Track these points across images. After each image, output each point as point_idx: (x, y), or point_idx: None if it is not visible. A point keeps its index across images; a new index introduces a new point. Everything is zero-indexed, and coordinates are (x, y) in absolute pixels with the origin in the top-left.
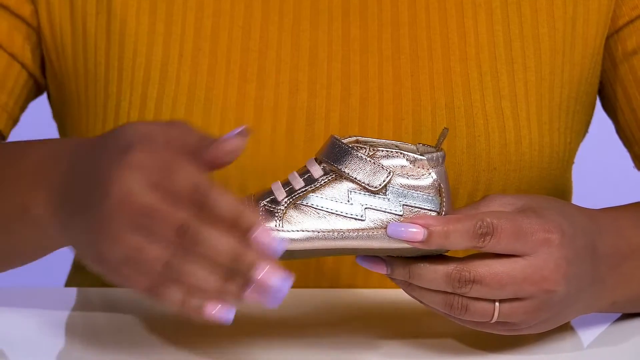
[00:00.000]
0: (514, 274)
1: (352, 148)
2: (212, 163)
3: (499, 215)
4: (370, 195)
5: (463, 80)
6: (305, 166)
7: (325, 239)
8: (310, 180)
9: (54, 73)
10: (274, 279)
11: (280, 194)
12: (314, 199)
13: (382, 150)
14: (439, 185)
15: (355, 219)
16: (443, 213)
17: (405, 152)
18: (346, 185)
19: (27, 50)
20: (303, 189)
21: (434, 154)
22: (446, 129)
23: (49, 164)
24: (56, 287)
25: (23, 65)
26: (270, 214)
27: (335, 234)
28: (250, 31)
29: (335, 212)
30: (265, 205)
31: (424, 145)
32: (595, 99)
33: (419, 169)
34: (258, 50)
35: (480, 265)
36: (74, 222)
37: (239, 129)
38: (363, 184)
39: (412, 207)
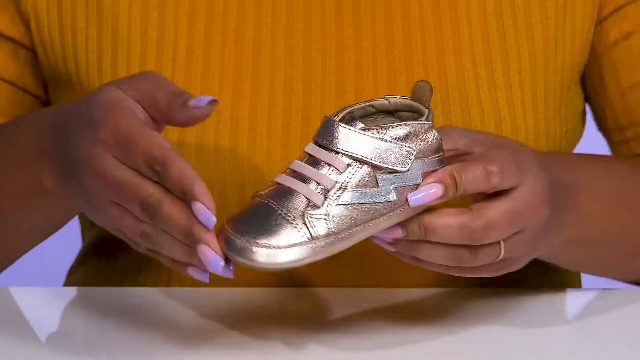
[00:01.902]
0: (517, 205)
1: (372, 136)
2: (180, 123)
3: (497, 154)
4: (396, 174)
5: (457, 71)
6: (325, 161)
7: (364, 230)
8: (338, 175)
9: (51, 88)
10: (210, 258)
11: (318, 199)
12: (348, 194)
13: (393, 127)
14: (441, 140)
15: (388, 201)
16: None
17: (416, 122)
18: (374, 171)
19: (26, 74)
20: (337, 187)
21: (431, 114)
22: (424, 81)
23: (43, 137)
24: (55, 287)
25: (25, 90)
26: (317, 220)
27: (374, 222)
28: (243, 34)
29: (370, 202)
30: (307, 213)
31: (394, 97)
32: None
33: (427, 134)
34: (252, 52)
35: (489, 210)
36: (71, 188)
37: (209, 99)
38: (392, 168)
39: (428, 172)
